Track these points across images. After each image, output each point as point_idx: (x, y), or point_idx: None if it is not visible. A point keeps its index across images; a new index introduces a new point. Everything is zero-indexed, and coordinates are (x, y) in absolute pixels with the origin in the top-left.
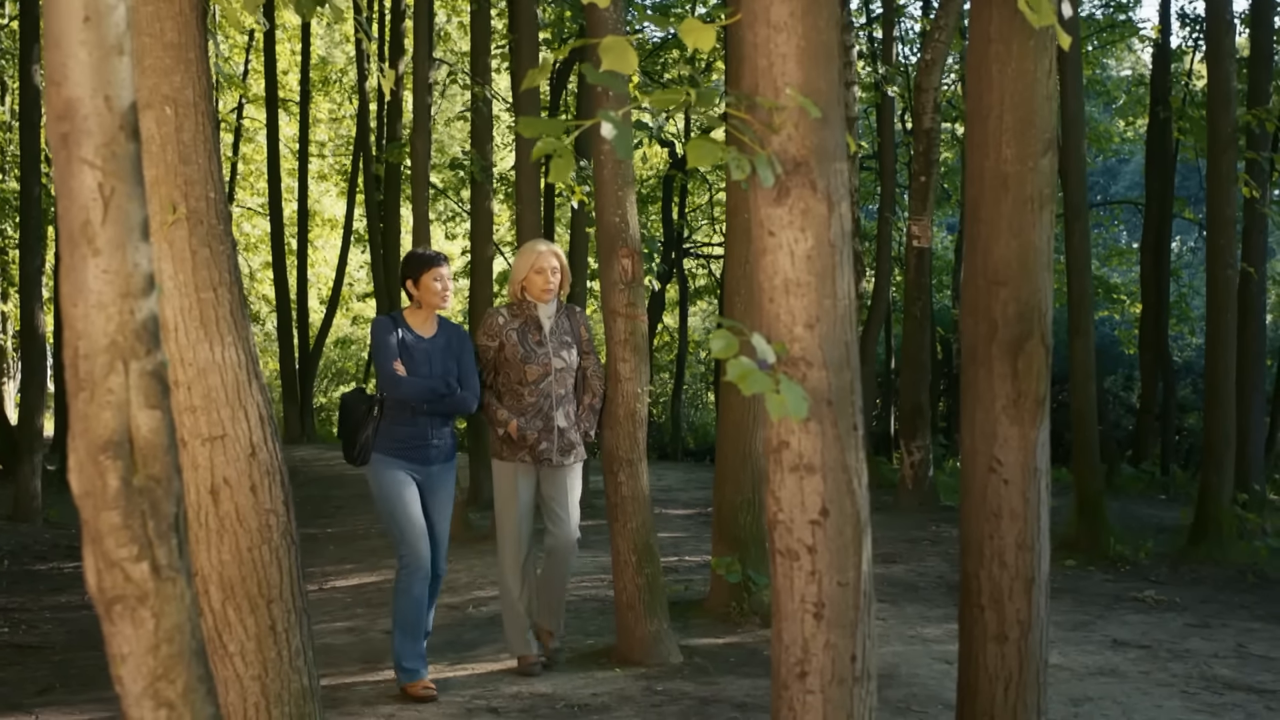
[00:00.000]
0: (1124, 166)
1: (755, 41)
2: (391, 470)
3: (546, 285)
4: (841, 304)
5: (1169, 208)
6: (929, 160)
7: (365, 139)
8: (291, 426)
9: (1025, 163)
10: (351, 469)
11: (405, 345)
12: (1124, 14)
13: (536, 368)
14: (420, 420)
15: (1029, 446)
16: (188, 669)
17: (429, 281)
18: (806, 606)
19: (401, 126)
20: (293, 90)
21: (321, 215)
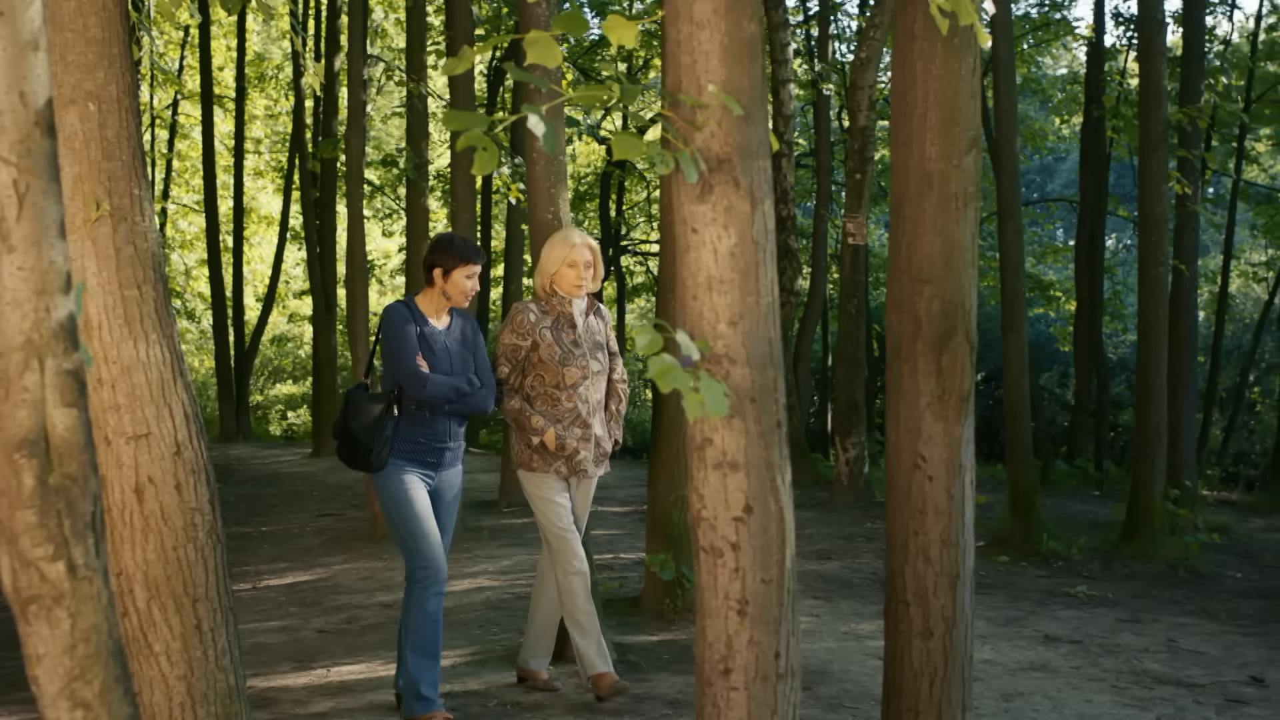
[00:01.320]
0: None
1: (678, 38)
2: (405, 475)
3: (579, 281)
4: (765, 301)
5: (1103, 205)
6: (864, 158)
7: (301, 136)
8: (227, 425)
9: (949, 160)
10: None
11: (424, 338)
12: (1059, 13)
13: (575, 370)
14: (439, 421)
15: (953, 443)
16: (105, 669)
17: (460, 278)
18: (730, 603)
19: (337, 123)
20: (228, 86)
21: (257, 212)
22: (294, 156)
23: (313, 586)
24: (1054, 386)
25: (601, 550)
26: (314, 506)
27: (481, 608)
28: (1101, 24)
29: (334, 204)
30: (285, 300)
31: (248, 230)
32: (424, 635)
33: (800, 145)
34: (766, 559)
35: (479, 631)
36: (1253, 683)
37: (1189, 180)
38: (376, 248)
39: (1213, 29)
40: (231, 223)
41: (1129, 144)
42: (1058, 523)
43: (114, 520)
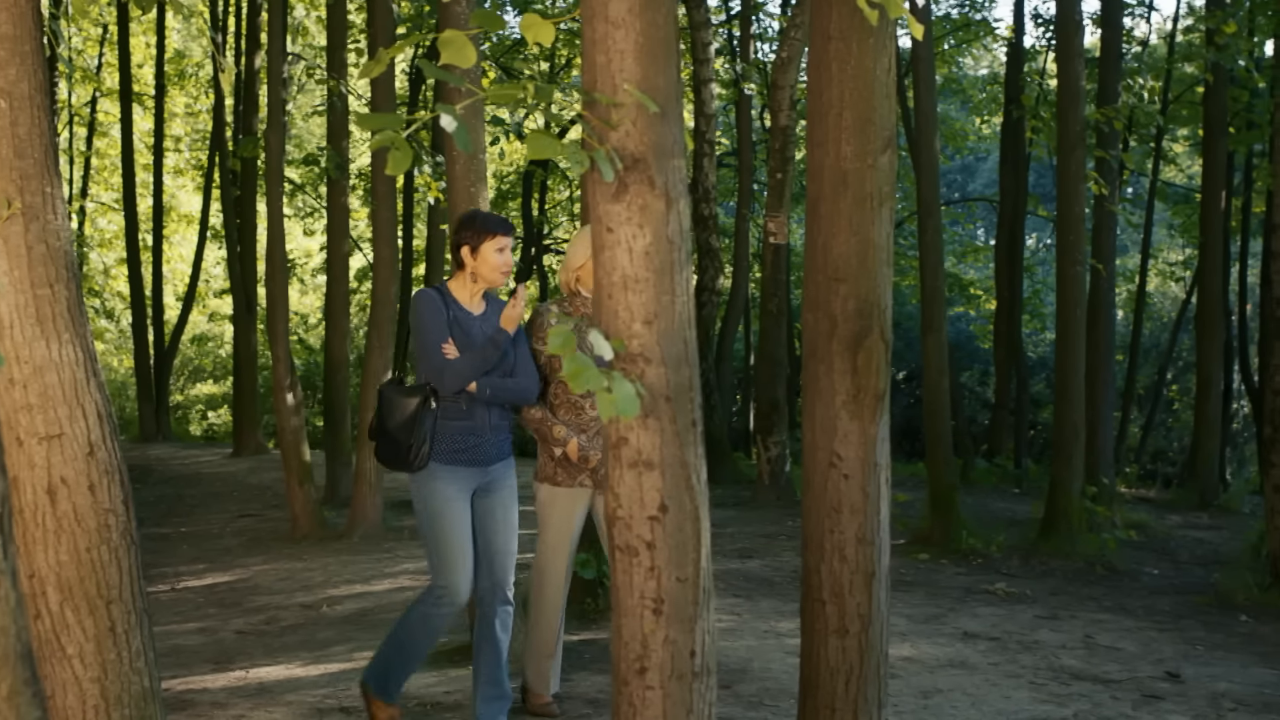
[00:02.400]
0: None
1: (594, 38)
2: (446, 484)
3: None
4: (680, 300)
5: (1022, 205)
6: (785, 157)
7: (221, 134)
8: (147, 425)
9: (864, 160)
10: (211, 467)
11: (457, 324)
12: (979, 13)
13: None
14: (478, 410)
15: (869, 441)
16: (13, 672)
17: (490, 252)
18: (646, 602)
19: (257, 121)
20: (148, 84)
21: (177, 211)
22: (214, 155)
23: (232, 587)
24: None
25: (523, 549)
26: (234, 507)
27: (403, 607)
28: (1021, 25)
29: (254, 202)
30: (205, 299)
31: (167, 229)
32: (415, 644)
33: (722, 144)
34: (682, 558)
35: None
36: (1168, 678)
37: (1106, 180)
38: (298, 246)
39: (1131, 31)
40: (151, 221)
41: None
42: (977, 520)
43: (26, 522)
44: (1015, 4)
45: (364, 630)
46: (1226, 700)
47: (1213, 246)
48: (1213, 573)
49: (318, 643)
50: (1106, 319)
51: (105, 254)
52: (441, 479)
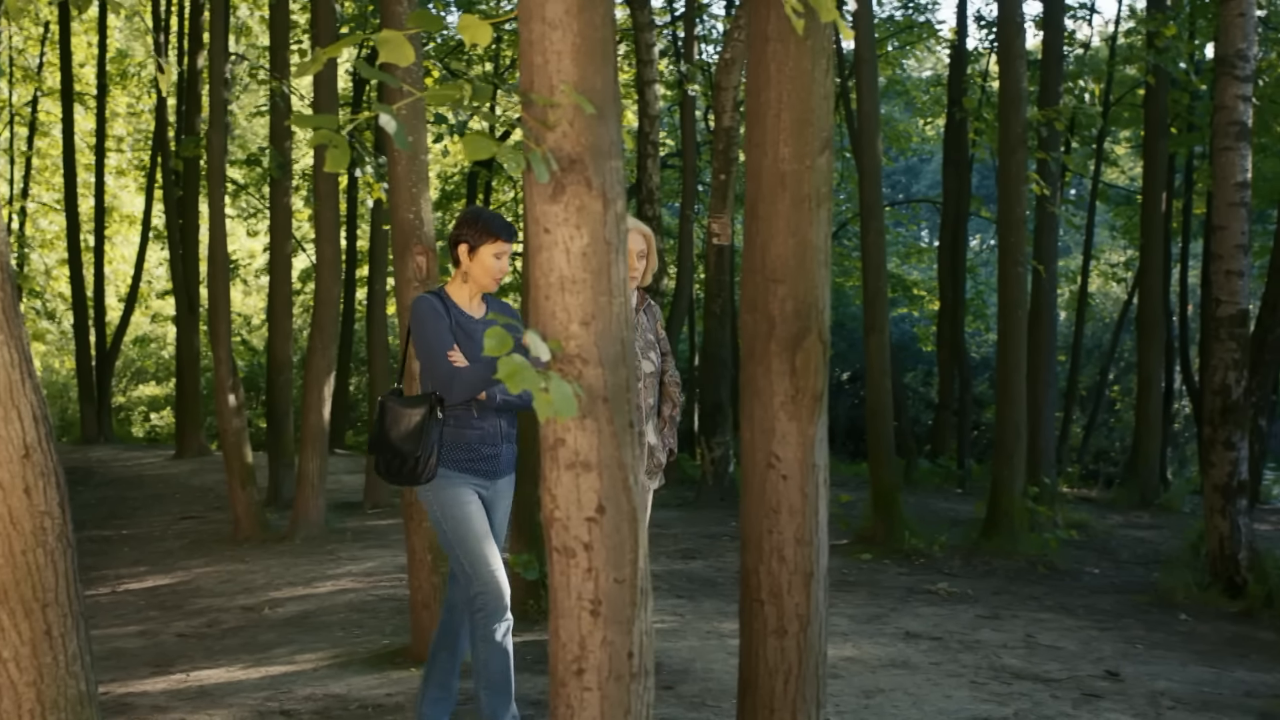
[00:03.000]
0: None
1: (531, 38)
2: (461, 487)
3: (631, 272)
4: (617, 301)
5: (965, 206)
6: (729, 158)
7: (164, 134)
8: (88, 426)
9: (802, 161)
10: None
11: (461, 329)
12: (922, 16)
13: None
14: (490, 418)
15: (807, 442)
16: None
17: (487, 256)
18: (583, 604)
19: (200, 121)
20: (90, 84)
21: (120, 211)
22: (157, 155)
23: (173, 590)
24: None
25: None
26: (176, 509)
27: (345, 609)
28: (964, 27)
29: (197, 203)
30: (148, 300)
31: (109, 229)
32: (496, 668)
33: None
34: (619, 559)
35: (341, 634)
36: (1108, 677)
37: (1048, 182)
38: (241, 247)
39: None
40: (93, 222)
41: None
42: (920, 520)
43: None
44: (958, 6)
45: (306, 633)
46: (1165, 699)
47: (1154, 248)
48: (1153, 572)
49: (259, 645)
50: (1048, 319)
51: (46, 255)
52: (455, 483)
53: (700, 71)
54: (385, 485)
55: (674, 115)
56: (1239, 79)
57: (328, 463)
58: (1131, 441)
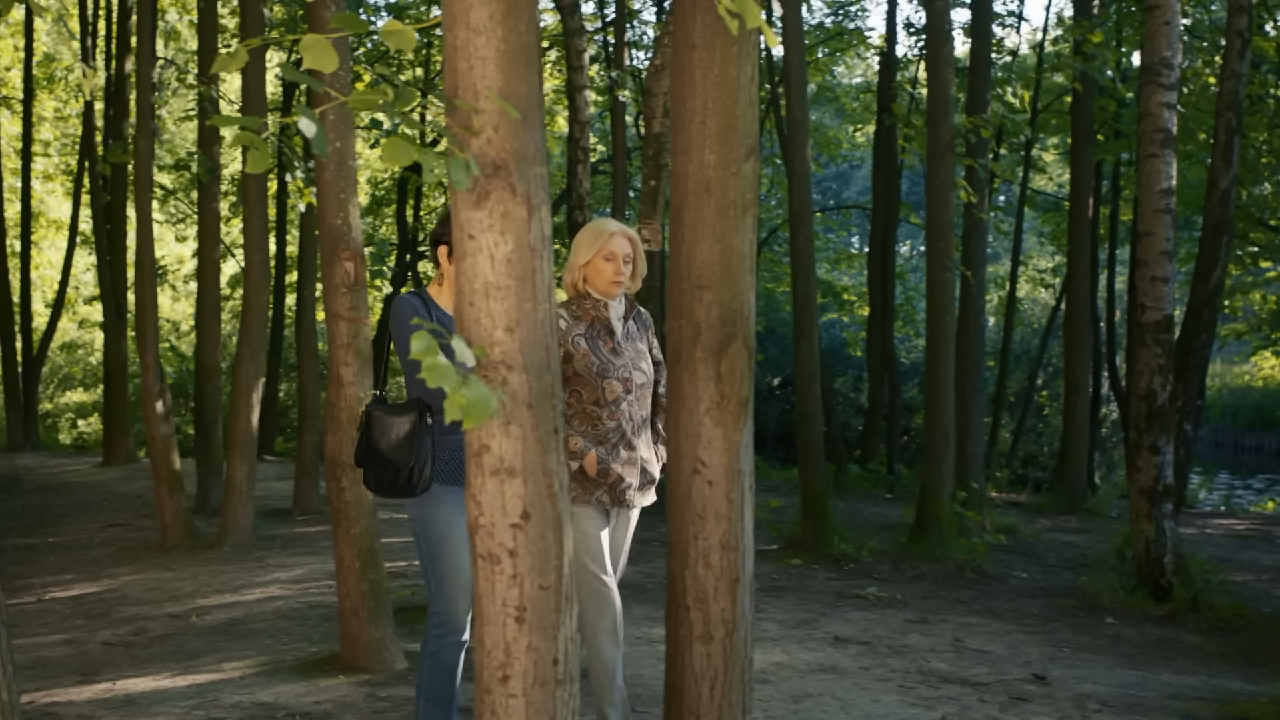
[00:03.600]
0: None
1: (455, 44)
2: (450, 509)
3: (617, 276)
4: (542, 308)
5: (895, 212)
6: (659, 164)
7: (91, 138)
8: (15, 433)
9: (728, 168)
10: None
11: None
12: (852, 22)
13: (617, 383)
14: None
15: (733, 448)
16: None
17: None
18: (508, 610)
19: (127, 126)
20: (15, 88)
21: (46, 216)
22: (84, 160)
23: (99, 598)
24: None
25: (397, 558)
26: (103, 516)
27: (273, 617)
28: (893, 34)
29: (125, 208)
30: (75, 306)
31: (36, 235)
32: (437, 684)
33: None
34: (544, 565)
35: (269, 641)
36: (1035, 680)
37: (976, 188)
38: (170, 253)
39: (1001, 40)
40: (19, 227)
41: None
42: (849, 525)
43: None
44: (887, 13)
45: (233, 640)
46: (1091, 702)
47: (1081, 254)
48: (1080, 576)
49: (186, 653)
50: (976, 325)
51: None
52: (445, 502)
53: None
54: (314, 492)
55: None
56: (1164, 87)
57: (256, 469)
58: (1059, 446)
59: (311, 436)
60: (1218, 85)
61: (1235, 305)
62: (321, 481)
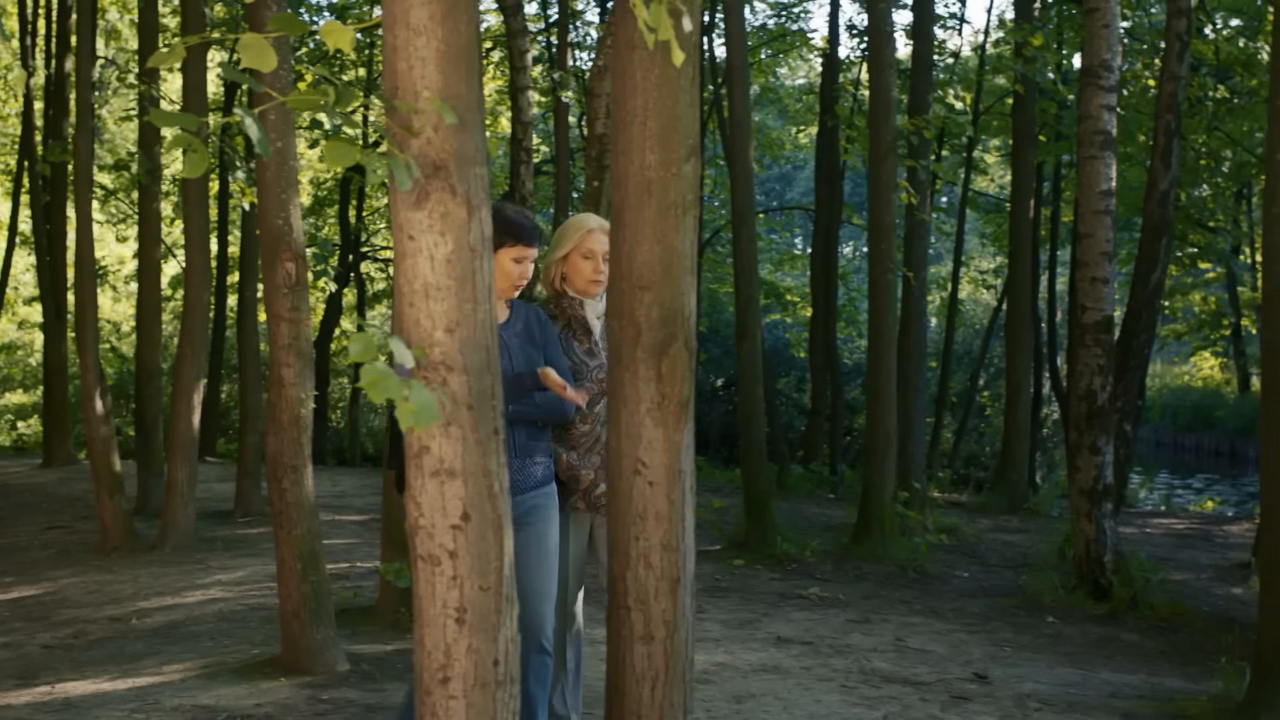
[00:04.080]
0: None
1: (395, 44)
2: None
3: (596, 275)
4: (482, 308)
5: (837, 214)
6: (602, 165)
7: (30, 138)
8: None
9: (669, 169)
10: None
11: None
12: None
13: (591, 385)
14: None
15: (674, 449)
16: None
17: (507, 261)
18: (449, 612)
19: (67, 125)
20: None
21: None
22: (23, 160)
23: (39, 601)
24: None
25: (338, 559)
26: (42, 519)
27: (214, 619)
28: (835, 36)
29: (65, 208)
30: (14, 307)
31: None
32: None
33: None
34: (484, 566)
35: (210, 644)
36: (976, 679)
37: (918, 190)
38: (110, 253)
39: (942, 43)
40: None
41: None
42: (792, 526)
43: None
44: (830, 15)
45: (174, 643)
46: (1032, 700)
47: (1022, 255)
48: (1021, 575)
49: (126, 656)
50: (918, 326)
51: None
52: None
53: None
54: (256, 493)
55: (548, 122)
56: (1103, 89)
57: (198, 471)
58: (1001, 447)
59: (253, 438)
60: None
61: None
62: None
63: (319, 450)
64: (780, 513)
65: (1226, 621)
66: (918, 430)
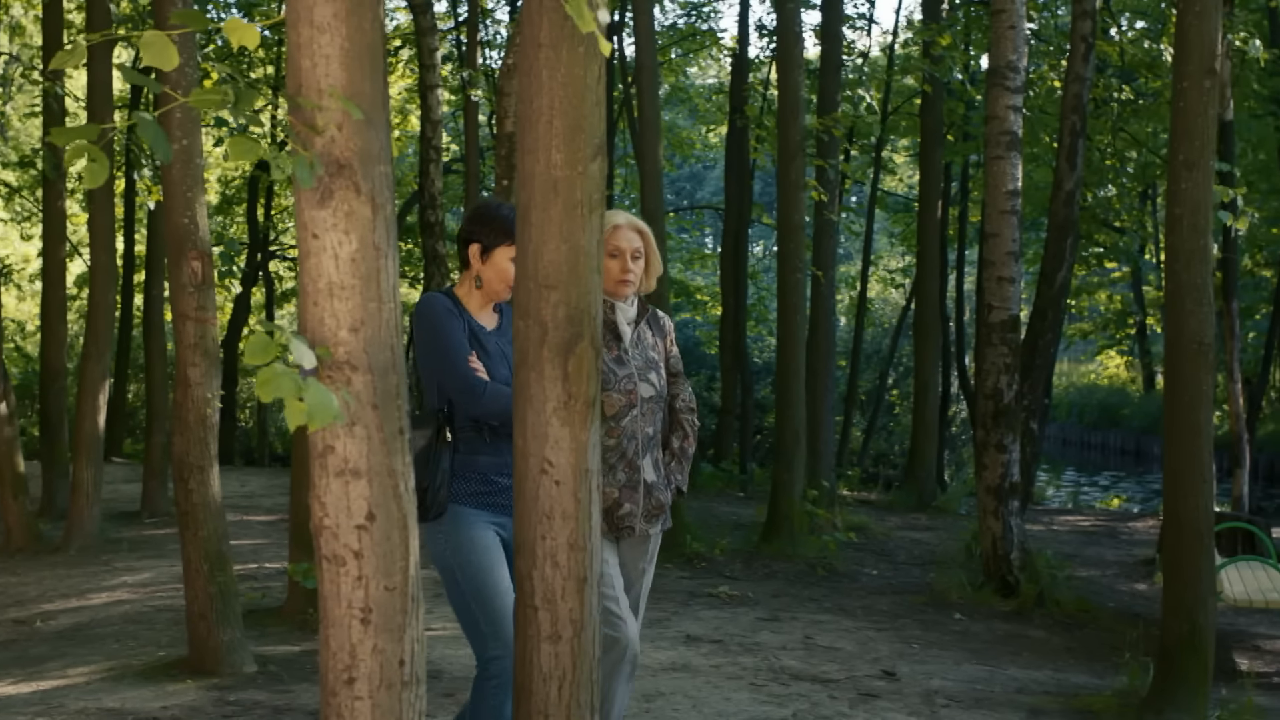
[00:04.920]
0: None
1: (299, 42)
2: (478, 528)
3: (624, 274)
4: (387, 307)
5: (747, 213)
6: (510, 164)
7: None
8: None
9: (575, 168)
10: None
11: (474, 338)
12: (705, 23)
13: (618, 396)
14: (505, 445)
15: (580, 448)
16: None
17: (504, 261)
18: (354, 612)
19: None
20: None
21: None
22: None
23: None
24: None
25: (246, 560)
26: None
27: (120, 621)
28: (745, 36)
29: None
30: None
31: None
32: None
33: (450, 151)
34: (390, 566)
35: (116, 646)
36: (885, 676)
37: (826, 189)
38: (14, 252)
39: (851, 43)
40: None
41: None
42: (702, 524)
43: None
44: (740, 15)
45: (79, 645)
46: (940, 697)
47: (930, 254)
48: (929, 573)
49: (31, 659)
50: (828, 325)
51: None
52: (469, 523)
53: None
54: (163, 494)
55: (457, 120)
56: (1009, 90)
57: (104, 471)
58: (909, 445)
59: (160, 438)
60: (1062, 89)
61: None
62: (170, 483)
63: (227, 450)
64: (690, 511)
65: (1131, 617)
66: (827, 429)
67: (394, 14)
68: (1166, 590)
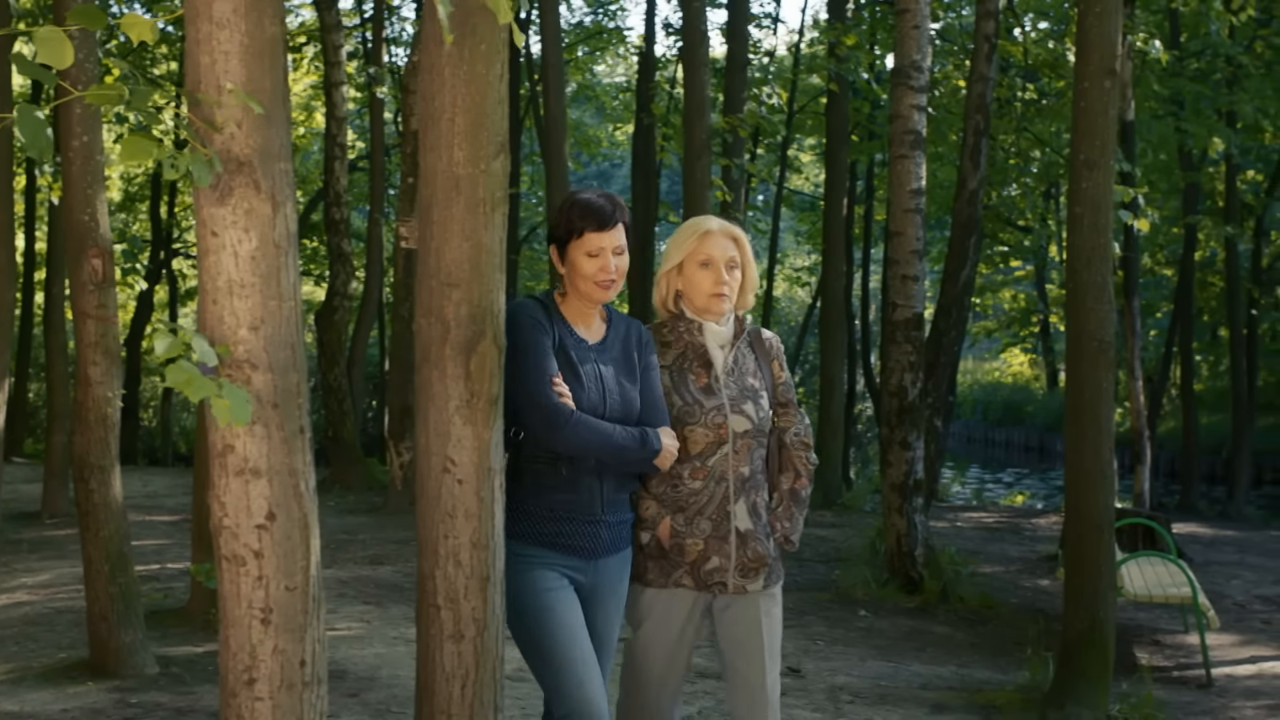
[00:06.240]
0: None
1: (198, 38)
2: (538, 571)
3: (717, 288)
4: (287, 305)
5: (654, 211)
6: (416, 162)
7: None
8: None
9: (477, 165)
10: None
11: (564, 353)
12: (612, 22)
13: (705, 431)
14: (585, 481)
15: (483, 446)
16: None
17: (579, 257)
18: (254, 612)
19: None
20: None
21: None
22: None
23: None
24: None
25: (149, 560)
26: None
27: (20, 623)
28: (652, 34)
29: None
30: None
31: None
32: None
33: (355, 148)
34: (290, 566)
35: (16, 649)
36: (789, 673)
37: (732, 188)
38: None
39: (757, 42)
40: None
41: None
42: None
43: None
44: (646, 13)
45: None
46: (844, 693)
47: (836, 253)
48: (834, 570)
49: None
50: None
51: None
52: (530, 565)
53: (389, 74)
54: (64, 494)
55: (363, 118)
56: (914, 89)
57: (3, 471)
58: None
59: (61, 438)
60: (966, 88)
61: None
62: (71, 484)
63: (130, 450)
64: None
65: (1034, 613)
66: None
67: (298, 10)
68: (1068, 586)
